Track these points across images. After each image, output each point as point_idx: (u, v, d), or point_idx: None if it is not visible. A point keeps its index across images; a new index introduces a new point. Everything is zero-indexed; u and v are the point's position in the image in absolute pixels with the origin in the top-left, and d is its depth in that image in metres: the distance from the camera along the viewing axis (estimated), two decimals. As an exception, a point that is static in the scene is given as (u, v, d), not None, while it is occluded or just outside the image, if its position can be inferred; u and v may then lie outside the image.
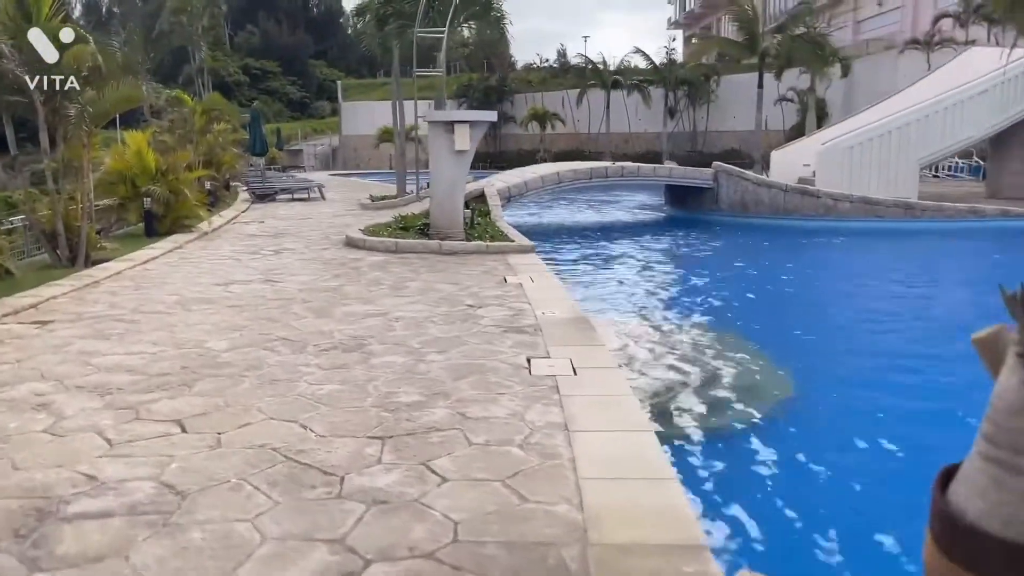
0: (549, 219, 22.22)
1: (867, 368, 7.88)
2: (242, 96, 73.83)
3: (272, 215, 18.77)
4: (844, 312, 10.58)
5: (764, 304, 11.23)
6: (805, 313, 10.57)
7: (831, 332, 9.49)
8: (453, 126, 11.68)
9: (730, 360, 7.60)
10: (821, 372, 7.67)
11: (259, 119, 23.16)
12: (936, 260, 15.36)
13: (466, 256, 11.14)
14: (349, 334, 6.60)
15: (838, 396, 6.91)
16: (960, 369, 8.13)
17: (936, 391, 7.35)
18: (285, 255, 11.63)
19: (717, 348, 8.06)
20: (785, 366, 7.49)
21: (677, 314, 10.10)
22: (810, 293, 11.99)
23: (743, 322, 9.73)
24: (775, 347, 8.20)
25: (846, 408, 6.61)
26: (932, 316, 10.57)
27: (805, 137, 22.94)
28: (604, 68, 46.30)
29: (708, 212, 19.52)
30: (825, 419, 6.38)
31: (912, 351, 8.43)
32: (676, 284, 12.52)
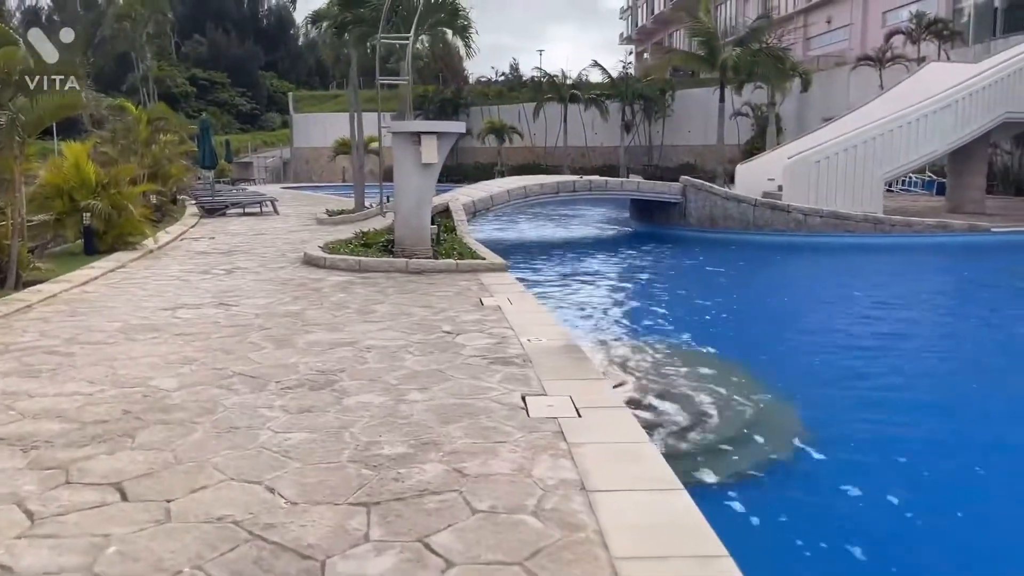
0: (514, 234, 21.64)
1: (871, 395, 7.42)
2: (189, 107, 72.08)
3: (223, 230, 17.83)
4: (834, 332, 10.17)
5: (750, 325, 10.79)
6: (793, 333, 10.15)
7: (823, 353, 9.05)
8: (420, 137, 11.02)
9: (727, 390, 7.07)
10: (823, 400, 7.18)
11: (208, 130, 22.16)
12: (913, 276, 15.18)
13: (435, 275, 10.47)
14: (316, 368, 5.88)
15: (848, 426, 6.40)
16: (957, 386, 7.78)
17: (941, 414, 6.93)
18: (239, 275, 10.81)
19: (711, 376, 7.53)
20: (786, 395, 7.00)
21: (662, 337, 9.57)
22: (793, 311, 11.61)
23: (734, 346, 9.25)
24: (771, 372, 7.72)
25: (861, 440, 6.11)
26: (921, 336, 10.25)
27: (769, 151, 22.83)
28: (562, 82, 46.05)
29: (676, 227, 19.15)
30: (843, 457, 5.86)
31: (914, 376, 8.04)
32: (655, 304, 11.99)
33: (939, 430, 6.59)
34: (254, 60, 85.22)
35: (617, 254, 17.62)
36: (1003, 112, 19.28)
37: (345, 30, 16.85)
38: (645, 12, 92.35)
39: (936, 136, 18.83)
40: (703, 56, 28.40)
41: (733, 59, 27.20)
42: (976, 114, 19.02)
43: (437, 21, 16.52)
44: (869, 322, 10.84)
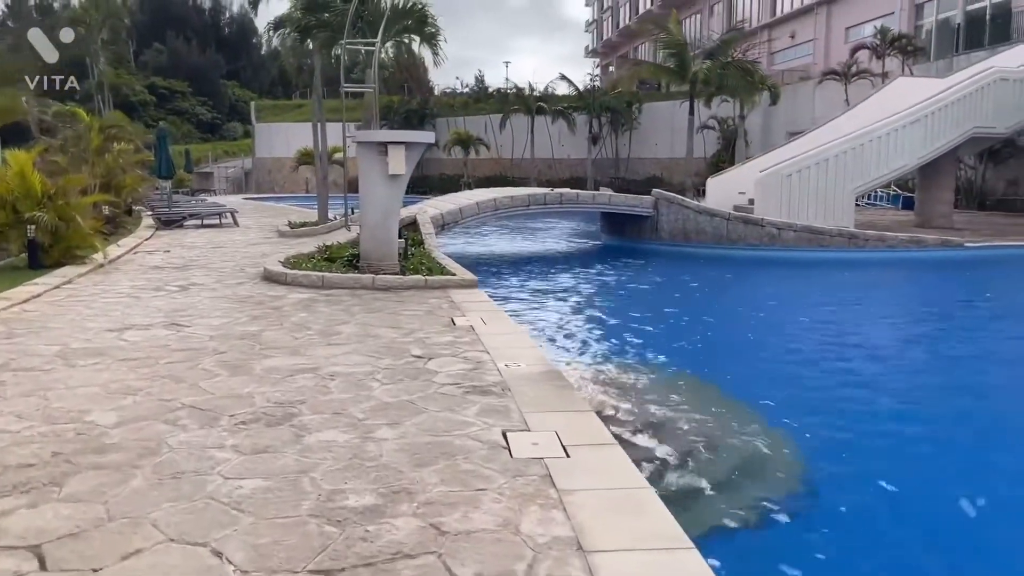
0: (483, 248, 21.16)
1: (867, 423, 7.07)
2: (148, 116, 70.66)
3: (179, 243, 17.12)
4: (817, 352, 9.82)
5: (731, 345, 10.41)
6: (776, 353, 9.79)
7: (806, 373, 8.69)
8: (387, 147, 10.52)
9: (717, 419, 6.66)
10: (820, 431, 6.80)
11: (165, 139, 21.39)
12: (893, 292, 15.03)
13: (403, 292, 9.96)
14: (274, 399, 5.34)
15: (849, 462, 6.03)
16: (954, 410, 7.46)
17: (940, 442, 6.60)
18: (194, 292, 10.19)
19: (697, 402, 7.12)
20: (775, 422, 6.61)
21: (642, 359, 9.16)
22: (774, 329, 11.27)
23: (717, 368, 8.86)
24: (757, 396, 7.34)
25: (862, 477, 5.73)
26: (910, 357, 10.00)
27: (739, 164, 22.70)
28: (529, 94, 45.84)
29: (648, 241, 18.85)
30: (850, 496, 5.47)
31: (915, 397, 7.73)
32: (632, 322, 11.56)
33: (940, 459, 6.26)
34: (215, 69, 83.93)
35: (589, 269, 17.19)
36: (971, 127, 19.35)
37: (308, 35, 16.26)
38: (610, 25, 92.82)
39: (906, 150, 18.81)
40: (673, 68, 28.29)
41: (704, 72, 27.12)
42: (945, 129, 19.05)
43: (404, 28, 16.03)
44: (854, 342, 10.54)
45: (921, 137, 18.87)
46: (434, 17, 16.05)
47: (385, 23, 12.31)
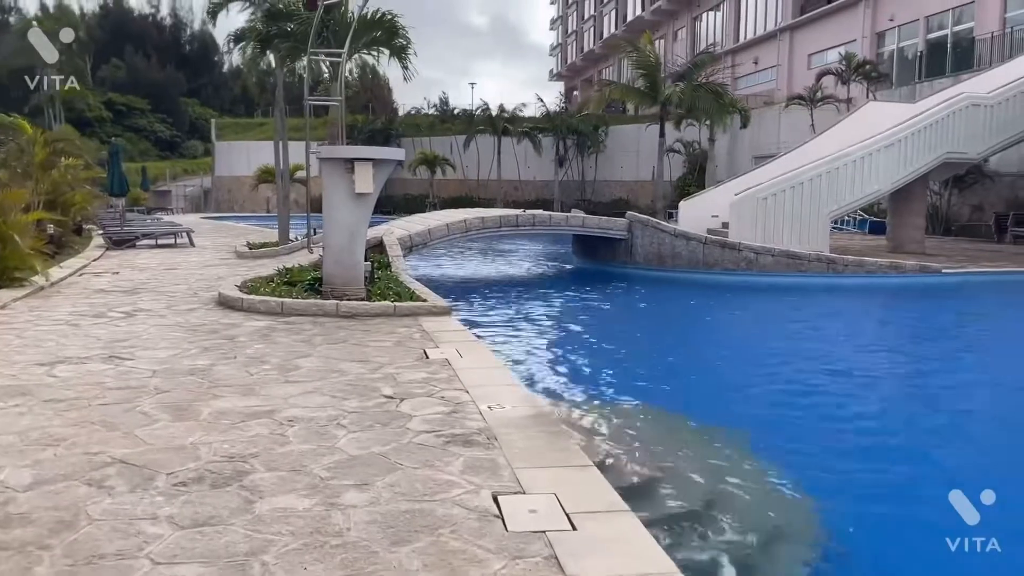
0: (451, 270, 20.43)
1: (887, 472, 6.48)
2: (104, 133, 69.00)
3: (130, 264, 16.16)
4: (815, 387, 9.22)
5: (722, 379, 9.77)
6: (771, 389, 9.16)
7: (807, 414, 8.10)
8: (353, 164, 9.82)
9: (727, 472, 6.01)
10: (829, 479, 6.19)
11: (118, 155, 20.40)
12: (878, 319, 14.61)
13: (370, 320, 9.22)
14: (221, 452, 4.58)
15: (869, 521, 5.41)
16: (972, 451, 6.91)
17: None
18: (140, 319, 9.33)
19: (700, 449, 6.49)
20: (786, 470, 6.00)
21: (633, 397, 8.50)
22: (764, 361, 10.64)
23: (710, 407, 8.23)
24: (762, 441, 6.74)
25: (893, 539, 5.12)
26: (915, 387, 9.49)
27: (712, 187, 22.37)
28: (498, 114, 45.46)
29: (622, 264, 18.31)
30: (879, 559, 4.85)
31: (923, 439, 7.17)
32: (614, 354, 10.86)
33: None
34: (176, 86, 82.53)
35: (564, 294, 16.54)
36: (943, 152, 19.24)
37: (270, 45, 15.45)
38: (575, 49, 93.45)
39: (881, 175, 18.60)
40: (644, 90, 28.04)
41: (676, 94, 26.88)
42: (918, 154, 18.90)
43: (373, 40, 15.33)
44: (853, 374, 9.98)
45: (895, 162, 18.69)
46: (404, 29, 15.41)
47: (352, 34, 11.61)
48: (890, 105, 22.87)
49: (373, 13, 14.51)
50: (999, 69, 22.55)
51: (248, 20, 15.94)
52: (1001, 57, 29.00)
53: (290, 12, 14.75)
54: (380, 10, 14.69)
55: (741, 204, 18.08)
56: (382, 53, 16.00)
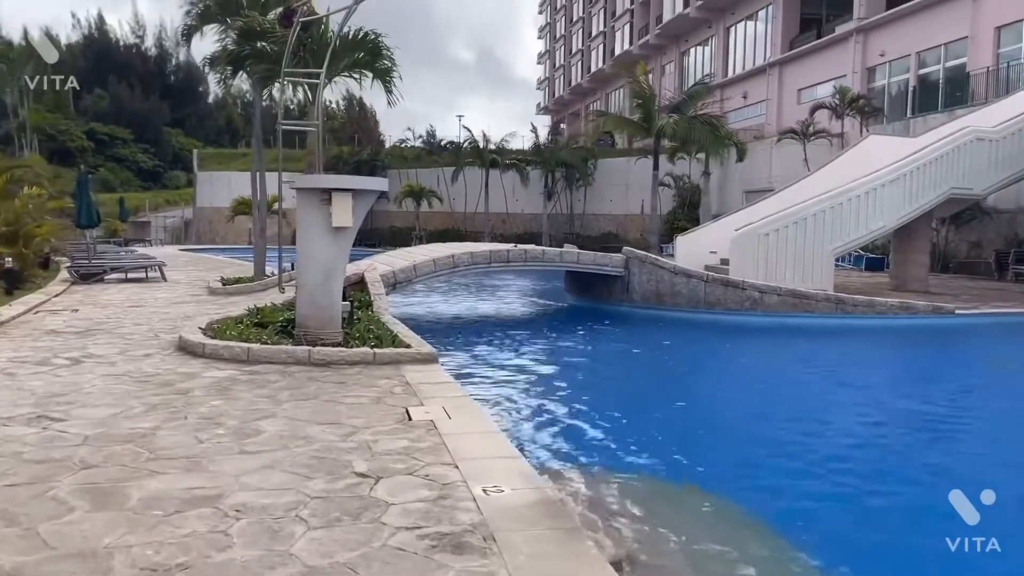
0: (435, 309, 19.40)
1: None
2: (86, 162, 67.69)
3: (94, 300, 15.08)
4: (846, 453, 8.20)
5: (743, 439, 8.72)
6: (803, 453, 8.14)
7: (845, 489, 7.08)
8: (330, 195, 8.88)
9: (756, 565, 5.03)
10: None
11: (86, 185, 19.36)
12: (899, 364, 13.63)
13: (347, 370, 8.21)
14: (143, 561, 3.57)
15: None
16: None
17: None
18: (87, 367, 8.28)
19: (735, 543, 5.48)
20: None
21: (645, 466, 7.48)
22: (786, 418, 9.57)
23: (733, 480, 7.20)
24: (800, 528, 5.77)
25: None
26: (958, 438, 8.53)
27: (709, 222, 21.59)
28: (485, 146, 44.83)
29: (618, 302, 17.38)
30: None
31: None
32: (619, 411, 9.58)
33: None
34: (159, 116, 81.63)
35: (558, 336, 15.49)
36: (949, 188, 18.55)
37: (242, 67, 14.50)
38: (562, 83, 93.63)
39: (886, 211, 17.86)
40: (638, 122, 27.36)
41: (671, 125, 26.22)
42: (924, 189, 18.20)
43: (354, 62, 14.40)
44: (881, 431, 9.01)
45: (901, 197, 17.97)
46: (389, 50, 14.46)
47: (332, 54, 10.70)
48: (891, 139, 22.27)
49: (355, 32, 13.61)
50: (1000, 103, 22.03)
51: (218, 39, 15.00)
52: (996, 93, 28.64)
53: (264, 30, 13.77)
54: (363, 28, 13.83)
55: (742, 240, 17.25)
56: (365, 76, 15.05)
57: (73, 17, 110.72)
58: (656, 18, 62.84)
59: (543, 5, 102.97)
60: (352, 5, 9.23)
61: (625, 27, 70.91)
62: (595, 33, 79.24)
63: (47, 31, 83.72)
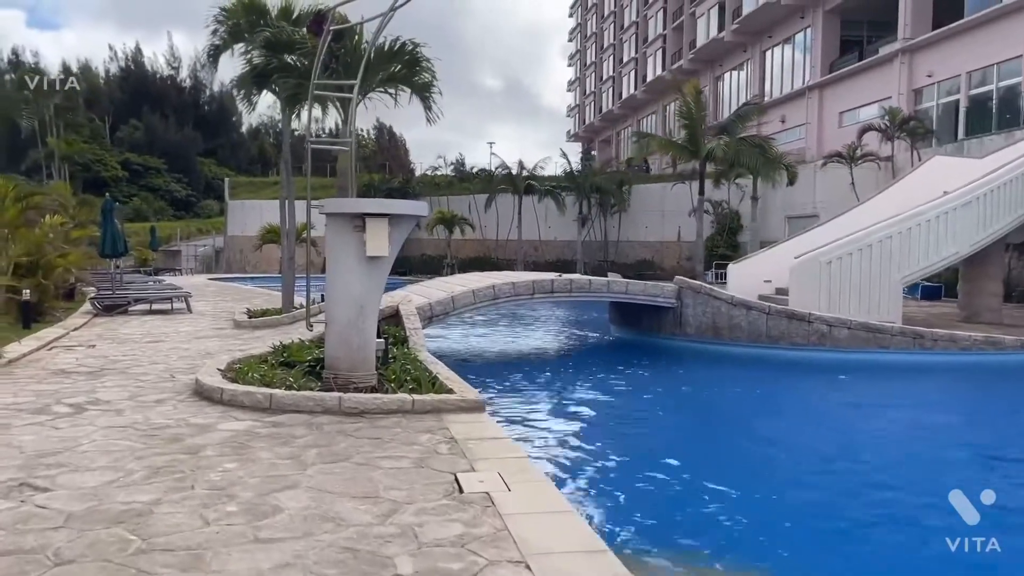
0: (471, 343, 18.31)
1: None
2: (120, 192, 68.38)
3: (113, 335, 14.26)
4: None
5: (847, 511, 7.38)
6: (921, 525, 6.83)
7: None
8: (364, 221, 7.89)
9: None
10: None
11: (111, 213, 18.67)
12: (992, 408, 12.16)
13: (382, 420, 7.14)
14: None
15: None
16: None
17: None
18: (89, 416, 7.31)
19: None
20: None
21: (743, 551, 6.29)
22: (892, 479, 8.21)
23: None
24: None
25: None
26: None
27: (764, 249, 20.35)
28: (518, 173, 44.03)
29: (670, 336, 16.18)
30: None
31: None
32: (699, 471, 8.30)
33: None
34: (192, 146, 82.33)
35: (611, 376, 14.21)
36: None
37: (268, 81, 13.58)
38: (593, 110, 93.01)
39: (959, 236, 16.52)
40: (684, 144, 26.22)
41: (721, 147, 25.04)
42: (999, 213, 16.85)
43: (390, 76, 13.41)
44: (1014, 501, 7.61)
45: (974, 221, 16.63)
46: (429, 61, 13.43)
47: (366, 66, 9.74)
48: (957, 160, 20.96)
49: (391, 43, 12.64)
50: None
51: (244, 55, 14.05)
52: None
53: (293, 42, 12.87)
54: (400, 38, 12.83)
55: (803, 269, 16.01)
56: (402, 91, 14.04)
57: (111, 50, 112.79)
58: (689, 43, 61.98)
59: (573, 32, 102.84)
60: (388, 11, 8.31)
61: (657, 52, 70.16)
62: (626, 59, 78.59)
63: (86, 65, 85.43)
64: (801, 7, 46.92)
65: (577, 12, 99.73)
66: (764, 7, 48.74)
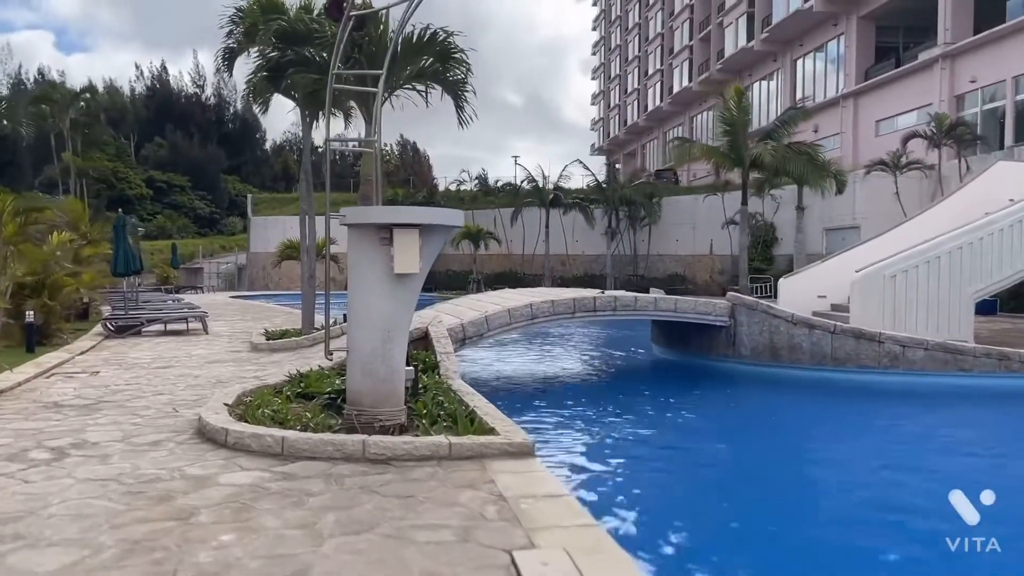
0: (499, 365, 17.05)
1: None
2: (144, 210, 68.25)
3: (120, 359, 13.25)
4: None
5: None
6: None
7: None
8: (391, 233, 6.76)
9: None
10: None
11: (123, 229, 17.74)
12: None
13: (414, 470, 5.97)
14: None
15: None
16: None
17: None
18: (70, 465, 6.21)
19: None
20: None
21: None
22: None
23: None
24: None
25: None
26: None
27: (817, 263, 18.98)
28: (544, 185, 42.94)
29: (722, 358, 14.89)
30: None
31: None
32: (796, 530, 7.11)
33: None
34: (216, 163, 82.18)
35: (662, 405, 12.76)
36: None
37: (282, 76, 12.40)
38: (617, 123, 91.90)
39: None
40: (727, 152, 24.91)
41: (768, 152, 23.68)
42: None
43: (419, 71, 12.16)
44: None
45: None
46: (462, 52, 12.09)
47: (392, 57, 8.59)
48: (1021, 165, 19.50)
49: (420, 32, 11.44)
50: None
51: (257, 53, 12.89)
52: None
53: (309, 32, 11.68)
54: (430, 26, 11.56)
55: (866, 283, 14.69)
56: (432, 89, 12.76)
57: (136, 68, 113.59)
58: (717, 53, 60.80)
59: (597, 45, 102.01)
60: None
61: (684, 64, 69.07)
62: (651, 71, 77.49)
63: (111, 84, 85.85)
64: (834, 14, 45.61)
65: (601, 25, 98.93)
66: (795, 15, 47.51)
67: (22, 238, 14.00)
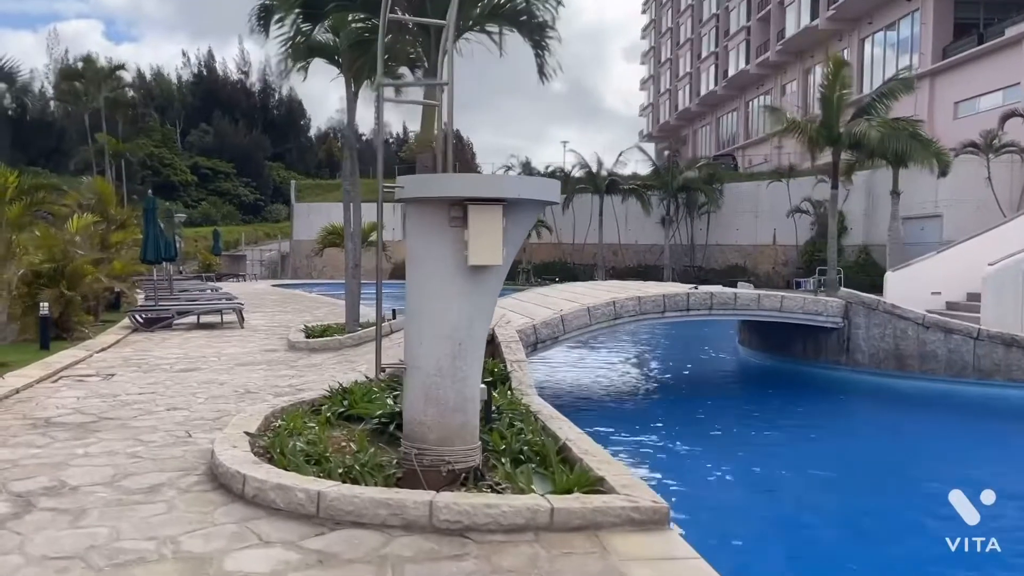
0: (563, 372, 14.97)
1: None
2: (189, 197, 67.80)
3: (142, 358, 11.70)
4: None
5: None
6: None
7: None
8: (465, 210, 4.91)
9: None
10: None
11: (154, 213, 16.23)
12: None
13: (501, 552, 4.14)
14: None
15: None
16: None
17: None
18: (25, 529, 4.52)
19: None
20: None
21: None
22: None
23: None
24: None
25: None
26: None
27: (930, 255, 16.68)
28: (598, 171, 40.88)
29: (833, 364, 12.82)
30: None
31: None
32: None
33: None
34: (260, 150, 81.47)
35: (769, 422, 10.66)
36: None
37: (320, 17, 10.38)
38: (668, 108, 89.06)
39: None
40: (818, 129, 22.40)
41: (873, 130, 21.17)
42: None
43: (492, 9, 10.09)
44: None
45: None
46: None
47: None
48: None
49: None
50: None
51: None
52: None
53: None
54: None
55: (1000, 278, 12.48)
56: (507, 33, 10.74)
57: (183, 55, 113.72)
58: (777, 33, 57.80)
59: (646, 29, 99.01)
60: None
61: (740, 46, 66.10)
62: (705, 55, 74.55)
63: (159, 72, 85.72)
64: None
65: (651, 8, 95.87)
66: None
67: (30, 220, 12.50)
